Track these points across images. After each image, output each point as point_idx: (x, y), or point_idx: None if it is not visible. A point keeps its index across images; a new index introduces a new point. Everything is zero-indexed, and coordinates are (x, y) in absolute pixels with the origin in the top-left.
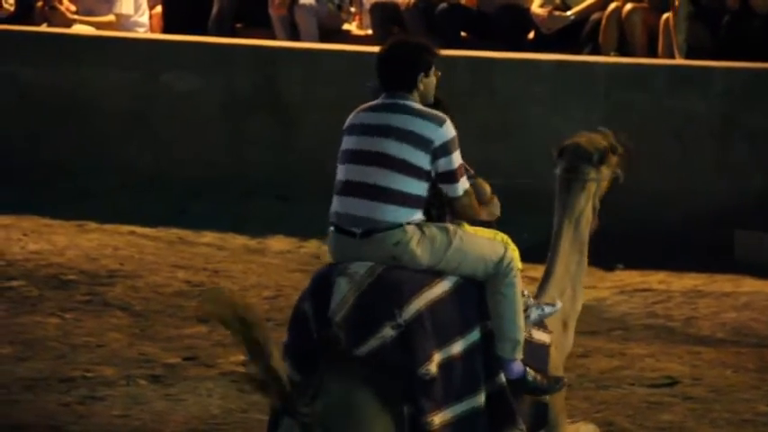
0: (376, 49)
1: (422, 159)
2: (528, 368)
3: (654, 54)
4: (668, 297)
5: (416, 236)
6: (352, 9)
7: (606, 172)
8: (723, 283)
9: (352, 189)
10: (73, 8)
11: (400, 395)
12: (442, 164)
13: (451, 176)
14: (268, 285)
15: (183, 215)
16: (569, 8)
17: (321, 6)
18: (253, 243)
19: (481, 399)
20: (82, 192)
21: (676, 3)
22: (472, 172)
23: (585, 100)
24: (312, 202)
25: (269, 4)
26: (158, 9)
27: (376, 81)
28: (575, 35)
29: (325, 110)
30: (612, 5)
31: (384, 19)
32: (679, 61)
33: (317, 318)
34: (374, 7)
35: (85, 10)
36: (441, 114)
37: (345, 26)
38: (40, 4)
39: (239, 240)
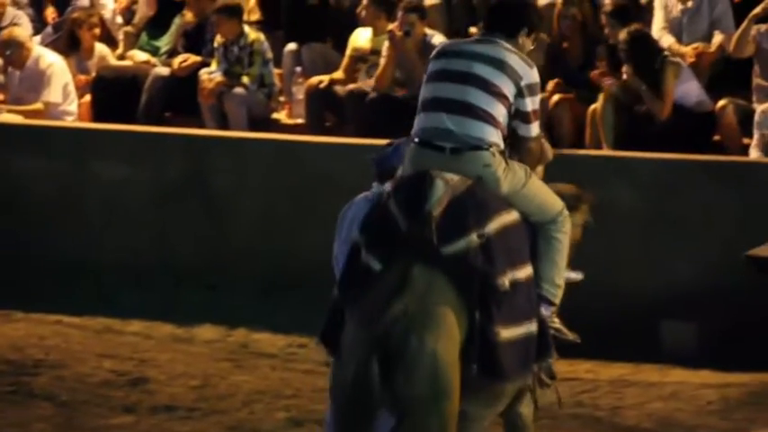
0: (306, 138)
1: (509, 89)
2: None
3: (581, 144)
4: (595, 386)
5: (502, 165)
6: (282, 98)
7: (578, 218)
8: (649, 372)
9: (440, 105)
10: (1, 96)
11: (476, 300)
12: (525, 103)
13: (530, 116)
14: (195, 375)
15: (111, 304)
16: None
17: (250, 95)
18: (180, 332)
19: (535, 325)
20: (8, 280)
21: (602, 94)
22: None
23: None
24: (240, 291)
25: (198, 92)
26: (87, 98)
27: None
28: None
29: (254, 198)
30: (539, 96)
31: (319, 106)
32: (605, 152)
33: (408, 212)
34: (310, 94)
35: (14, 98)
36: (531, 61)
37: (275, 115)
38: None
39: (166, 329)
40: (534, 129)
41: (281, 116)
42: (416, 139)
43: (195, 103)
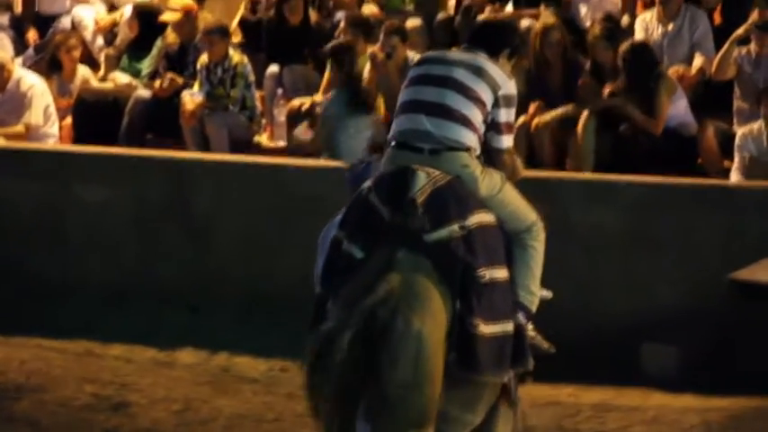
0: (287, 160)
1: (487, 96)
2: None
3: (562, 167)
4: (577, 410)
5: (480, 168)
6: (263, 121)
7: None
8: (631, 396)
9: (420, 107)
10: None
11: (458, 289)
12: (500, 113)
13: (503, 128)
14: (176, 399)
15: (92, 327)
16: None
17: (232, 118)
18: (161, 355)
19: (511, 326)
20: None
21: (583, 117)
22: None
23: None
24: (222, 314)
25: (180, 114)
26: (68, 120)
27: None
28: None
29: (235, 221)
30: (521, 119)
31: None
32: (587, 175)
33: (391, 202)
34: (291, 117)
35: None
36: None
37: (256, 138)
38: None
39: (148, 353)
40: (505, 141)
41: (263, 139)
42: (393, 142)
43: (177, 126)
